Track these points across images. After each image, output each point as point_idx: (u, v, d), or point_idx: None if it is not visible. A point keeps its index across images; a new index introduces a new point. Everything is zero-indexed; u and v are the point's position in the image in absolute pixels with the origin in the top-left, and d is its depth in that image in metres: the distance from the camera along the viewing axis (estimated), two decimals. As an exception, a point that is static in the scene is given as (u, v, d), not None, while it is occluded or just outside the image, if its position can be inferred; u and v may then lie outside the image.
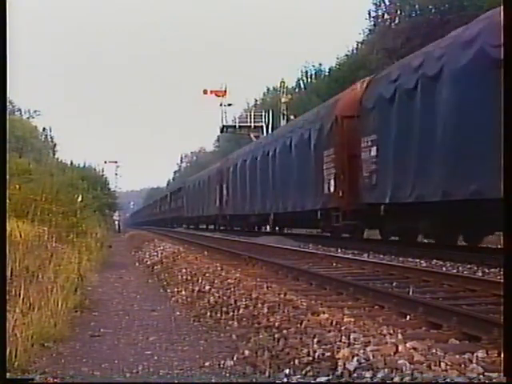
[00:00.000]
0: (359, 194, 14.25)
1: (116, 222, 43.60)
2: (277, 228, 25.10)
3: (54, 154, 61.29)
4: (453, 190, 10.32)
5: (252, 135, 42.49)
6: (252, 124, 43.52)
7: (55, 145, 67.03)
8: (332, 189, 15.58)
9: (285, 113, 41.86)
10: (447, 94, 10.52)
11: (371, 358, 3.49)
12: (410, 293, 6.37)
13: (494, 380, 3.16)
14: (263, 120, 43.07)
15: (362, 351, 3.61)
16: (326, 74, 47.03)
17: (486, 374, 3.26)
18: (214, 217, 33.72)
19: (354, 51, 42.83)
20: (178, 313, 6.42)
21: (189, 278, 8.67)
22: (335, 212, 15.42)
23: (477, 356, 3.72)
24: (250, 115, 45.02)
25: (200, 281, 8.05)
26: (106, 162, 55.69)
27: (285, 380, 3.63)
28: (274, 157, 21.55)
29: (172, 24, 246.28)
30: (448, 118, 10.42)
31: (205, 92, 44.83)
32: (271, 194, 21.78)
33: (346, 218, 15.09)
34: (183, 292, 7.67)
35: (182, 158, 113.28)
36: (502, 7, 6.34)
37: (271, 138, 24.82)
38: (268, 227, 25.97)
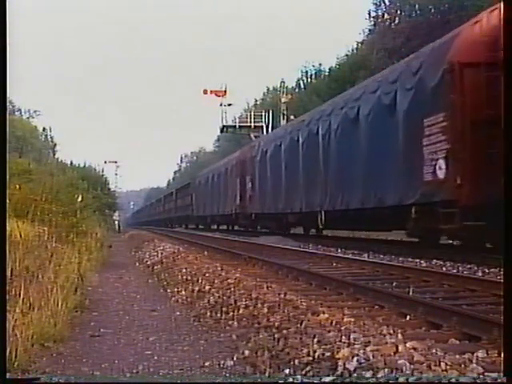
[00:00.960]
0: (490, 182, 9.36)
1: (116, 222, 43.59)
2: (322, 231, 19.99)
3: (54, 154, 61.33)
4: None
5: (252, 135, 42.48)
6: (252, 124, 43.49)
7: (55, 145, 67.10)
8: (442, 173, 10.55)
9: (285, 113, 41.86)
10: None
11: (371, 357, 3.50)
12: (410, 293, 6.37)
13: (494, 380, 3.16)
14: (263, 120, 43.04)
15: (361, 351, 3.61)
16: (326, 74, 47.05)
17: (486, 373, 3.26)
18: (232, 216, 28.66)
19: (354, 51, 42.84)
20: (178, 313, 6.42)
21: (189, 277, 8.67)
22: (447, 208, 10.39)
23: (477, 356, 3.72)
24: (250, 115, 44.99)
25: (200, 281, 8.05)
26: (105, 162, 55.84)
27: (289, 380, 3.63)
28: (328, 136, 16.17)
29: (172, 24, 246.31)
30: None
31: (205, 92, 44.83)
32: (321, 186, 16.43)
33: (467, 216, 10.16)
34: (183, 292, 7.67)
35: (181, 158, 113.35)
36: (501, 7, 6.34)
37: (319, 114, 17.98)
38: (313, 229, 20.85)
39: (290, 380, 3.57)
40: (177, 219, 51.80)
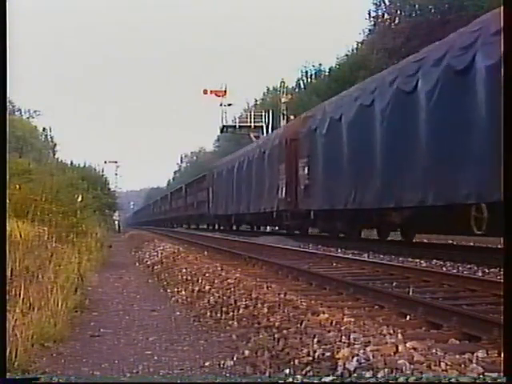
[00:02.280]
0: None
1: (116, 222, 43.56)
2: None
3: (54, 154, 61.29)
4: None
5: (252, 135, 42.49)
6: (252, 124, 43.51)
7: (55, 145, 67.06)
8: None
9: (285, 113, 41.86)
10: None
11: (371, 357, 3.50)
12: (410, 293, 6.37)
13: (494, 380, 3.16)
14: (263, 120, 43.05)
15: (362, 351, 3.61)
16: (326, 74, 47.05)
17: (486, 374, 3.26)
18: (272, 215, 21.48)
19: (354, 51, 42.84)
20: (178, 313, 6.42)
21: (189, 277, 8.67)
22: None
23: (477, 356, 3.72)
24: (250, 115, 45.01)
25: (200, 281, 8.05)
26: (106, 162, 55.66)
27: (289, 380, 3.63)
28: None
29: (172, 24, 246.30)
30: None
31: (205, 92, 44.83)
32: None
33: None
34: (183, 292, 7.67)
35: (181, 158, 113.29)
36: (502, 7, 6.33)
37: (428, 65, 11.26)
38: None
39: (290, 380, 3.57)
40: (187, 219, 46.57)
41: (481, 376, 3.22)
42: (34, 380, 3.73)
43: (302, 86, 52.71)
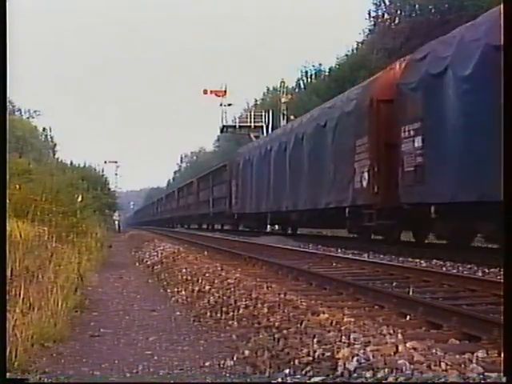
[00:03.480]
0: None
1: (116, 222, 43.56)
2: None
3: (54, 154, 61.31)
4: None
5: (252, 135, 42.49)
6: (252, 124, 43.51)
7: (55, 145, 67.08)
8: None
9: (285, 113, 41.87)
10: None
11: (371, 357, 3.49)
12: (410, 293, 6.37)
13: (494, 380, 3.16)
14: (263, 120, 43.06)
15: (362, 351, 3.61)
16: (326, 74, 47.07)
17: (485, 374, 3.26)
18: (346, 212, 14.93)
19: (354, 51, 42.85)
20: (178, 313, 6.41)
21: (189, 277, 8.67)
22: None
23: (477, 356, 3.72)
24: (250, 115, 45.01)
25: (200, 281, 8.05)
26: (106, 162, 55.78)
27: (289, 380, 3.63)
28: None
29: (172, 24, 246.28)
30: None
31: (205, 92, 44.83)
32: None
33: None
34: (183, 292, 7.67)
35: (181, 158, 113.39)
36: (502, 7, 6.33)
37: None
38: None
39: (290, 380, 3.57)
40: (198, 218, 40.96)
41: (481, 376, 3.22)
42: (34, 380, 3.73)
43: (302, 86, 52.74)
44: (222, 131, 47.59)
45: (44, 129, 67.38)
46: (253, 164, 25.04)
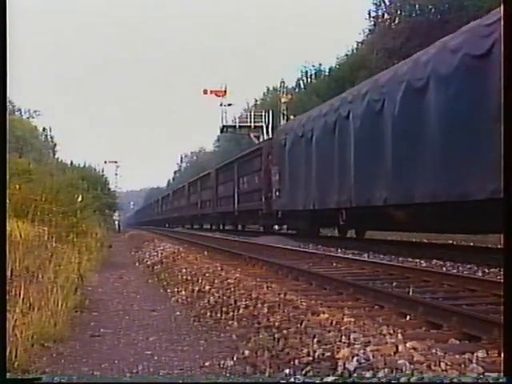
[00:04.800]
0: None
1: (116, 222, 43.57)
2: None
3: (54, 154, 61.33)
4: None
5: (252, 135, 42.50)
6: (252, 124, 43.45)
7: (55, 145, 67.08)
8: None
9: (285, 113, 41.86)
10: None
11: (371, 357, 3.50)
12: (410, 293, 6.37)
13: (494, 380, 3.16)
14: (263, 120, 43.00)
15: (362, 351, 3.61)
16: (326, 74, 47.09)
17: (486, 373, 3.26)
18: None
19: (354, 51, 42.86)
20: (178, 313, 6.42)
21: (189, 277, 8.67)
22: None
23: (477, 356, 3.72)
24: (250, 115, 44.95)
25: (200, 281, 8.05)
26: (106, 162, 55.80)
27: (289, 380, 3.63)
28: None
29: (172, 24, 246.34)
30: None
31: (205, 92, 44.80)
32: None
33: None
34: (183, 292, 7.67)
35: (181, 158, 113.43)
36: (502, 7, 6.33)
37: None
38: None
39: (290, 380, 3.57)
40: (217, 218, 34.01)
41: (481, 376, 3.22)
42: (34, 380, 3.73)
43: (302, 86, 52.75)
44: (221, 131, 47.52)
45: (44, 129, 67.42)
46: (312, 141, 17.32)
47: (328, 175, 15.97)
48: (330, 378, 3.43)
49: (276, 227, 24.48)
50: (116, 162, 62.29)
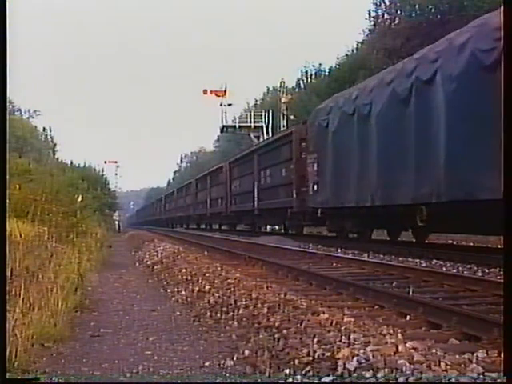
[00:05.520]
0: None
1: (116, 222, 43.57)
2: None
3: (54, 154, 61.29)
4: None
5: (252, 135, 42.50)
6: (252, 124, 43.46)
7: (55, 145, 67.01)
8: None
9: (285, 113, 41.87)
10: None
11: (371, 357, 3.49)
12: (410, 293, 6.37)
13: (494, 380, 3.16)
14: (263, 120, 43.02)
15: (362, 351, 3.61)
16: (326, 74, 47.05)
17: (486, 373, 3.26)
18: None
19: (354, 51, 42.83)
20: (178, 313, 6.41)
21: (189, 277, 8.67)
22: None
23: (477, 356, 3.72)
24: (250, 115, 44.96)
25: (200, 281, 8.05)
26: (106, 162, 55.77)
27: (289, 380, 3.63)
28: None
29: (172, 24, 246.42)
30: None
31: (205, 92, 44.81)
32: None
33: None
34: (183, 292, 7.66)
35: (181, 158, 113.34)
36: (501, 7, 6.33)
37: None
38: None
39: (290, 380, 3.57)
40: (233, 217, 29.74)
41: (481, 376, 3.22)
42: (34, 380, 3.73)
43: (302, 86, 52.70)
44: (222, 131, 47.52)
45: (44, 129, 67.36)
46: (370, 117, 13.58)
47: (397, 160, 12.13)
48: (330, 378, 3.43)
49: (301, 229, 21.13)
50: (116, 162, 62.28)
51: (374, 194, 13.15)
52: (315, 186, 16.99)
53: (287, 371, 3.73)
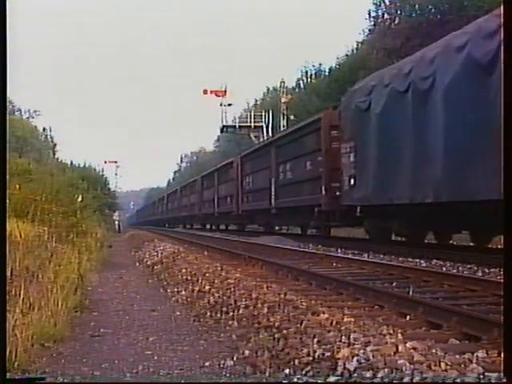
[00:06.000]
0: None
1: (116, 222, 43.57)
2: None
3: (54, 154, 61.29)
4: None
5: (252, 135, 42.51)
6: (252, 124, 43.51)
7: (55, 145, 67.02)
8: None
9: (285, 113, 41.89)
10: None
11: (371, 358, 3.49)
12: (410, 293, 6.37)
13: (494, 380, 3.16)
14: (263, 120, 43.05)
15: (362, 351, 3.61)
16: (326, 74, 47.04)
17: (486, 373, 3.26)
18: None
19: (354, 51, 42.83)
20: (178, 313, 6.41)
21: (189, 277, 8.67)
22: None
23: (477, 356, 3.72)
24: (250, 115, 45.01)
25: (200, 281, 8.05)
26: (106, 162, 55.84)
27: (289, 380, 3.63)
28: None
29: (172, 24, 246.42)
30: None
31: (205, 92, 44.86)
32: None
33: None
34: (183, 292, 7.67)
35: (181, 158, 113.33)
36: (501, 7, 6.33)
37: None
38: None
39: (290, 380, 3.57)
40: (245, 217, 26.60)
41: (481, 376, 3.22)
42: (34, 380, 3.73)
43: (302, 86, 52.70)
44: (222, 131, 47.57)
45: (44, 129, 67.37)
46: (432, 92, 11.14)
47: (477, 145, 9.55)
48: (330, 378, 3.43)
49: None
50: (116, 162, 62.34)
51: (439, 188, 10.68)
52: (352, 180, 14.19)
53: (287, 371, 3.73)
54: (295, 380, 3.58)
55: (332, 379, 3.42)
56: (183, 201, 46.07)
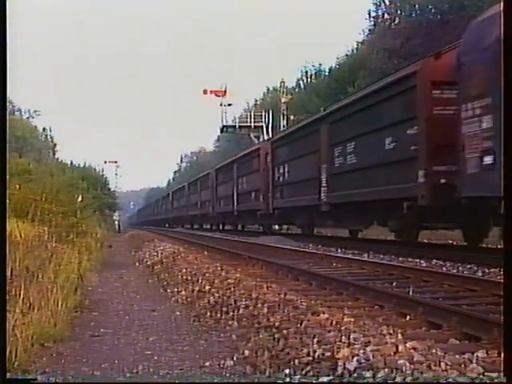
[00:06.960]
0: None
1: (116, 222, 43.56)
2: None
3: (54, 154, 61.32)
4: None
5: (252, 135, 42.50)
6: (252, 124, 43.48)
7: (55, 145, 67.05)
8: None
9: (285, 113, 41.89)
10: None
11: (371, 357, 3.49)
12: (410, 293, 6.37)
13: (494, 380, 3.16)
14: (263, 120, 43.02)
15: (362, 351, 3.61)
16: (326, 74, 47.08)
17: (486, 373, 3.26)
18: None
19: (354, 51, 42.86)
20: (178, 313, 6.41)
21: (189, 277, 8.67)
22: None
23: (477, 356, 3.72)
24: (250, 115, 44.97)
25: (200, 281, 8.05)
26: (106, 162, 55.84)
27: (289, 380, 3.63)
28: None
29: (172, 24, 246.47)
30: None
31: (205, 92, 44.84)
32: None
33: None
34: (183, 292, 7.67)
35: (181, 158, 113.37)
36: (501, 7, 6.33)
37: None
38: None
39: (290, 380, 3.57)
40: (285, 214, 21.48)
41: (481, 376, 3.22)
42: (33, 380, 3.73)
43: (302, 86, 52.73)
44: (222, 131, 47.54)
45: (44, 129, 67.41)
46: None
47: None
48: (330, 378, 3.42)
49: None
50: (116, 162, 62.32)
51: None
52: (488, 158, 9.00)
53: (287, 371, 3.73)
54: (291, 380, 3.58)
55: (325, 379, 3.42)
56: (192, 198, 40.89)
